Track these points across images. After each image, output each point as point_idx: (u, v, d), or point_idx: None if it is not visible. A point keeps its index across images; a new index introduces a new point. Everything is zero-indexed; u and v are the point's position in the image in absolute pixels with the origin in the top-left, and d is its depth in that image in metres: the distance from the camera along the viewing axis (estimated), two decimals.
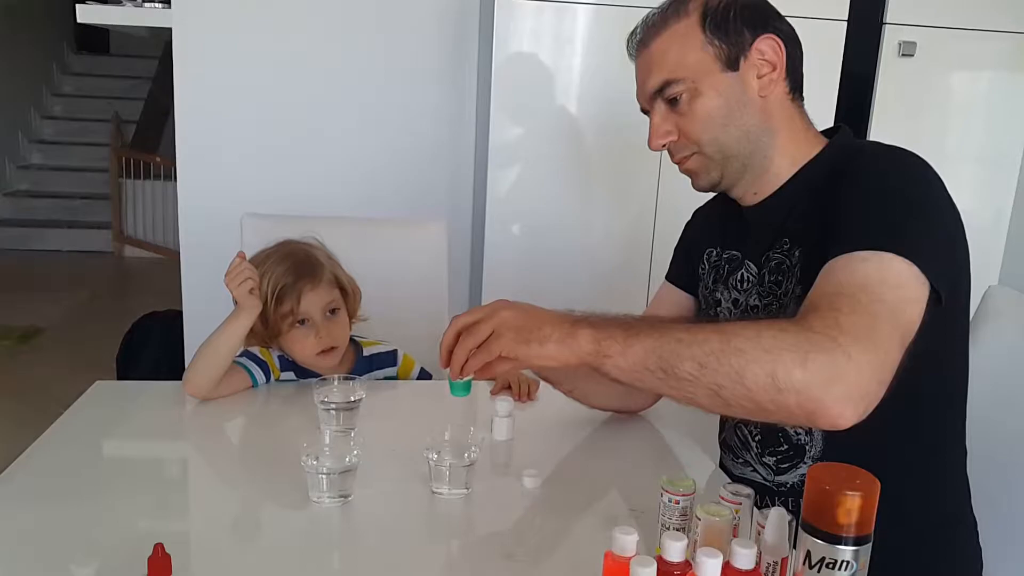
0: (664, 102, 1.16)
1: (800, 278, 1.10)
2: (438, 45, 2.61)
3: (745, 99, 1.13)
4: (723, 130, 1.14)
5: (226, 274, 1.38)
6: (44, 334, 4.39)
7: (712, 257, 1.30)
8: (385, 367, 1.60)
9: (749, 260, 1.21)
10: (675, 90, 1.14)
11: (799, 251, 1.12)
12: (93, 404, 1.39)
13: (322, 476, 1.06)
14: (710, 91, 1.13)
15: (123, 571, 0.76)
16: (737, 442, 1.23)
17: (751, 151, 1.15)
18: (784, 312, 1.11)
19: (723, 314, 1.23)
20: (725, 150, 1.15)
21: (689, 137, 1.16)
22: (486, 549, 1.02)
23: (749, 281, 1.20)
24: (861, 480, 0.70)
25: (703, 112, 1.13)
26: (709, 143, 1.15)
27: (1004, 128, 2.55)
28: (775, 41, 1.12)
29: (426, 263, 1.94)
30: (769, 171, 1.17)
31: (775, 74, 1.13)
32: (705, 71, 1.12)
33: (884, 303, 0.90)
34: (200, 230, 2.56)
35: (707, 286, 1.29)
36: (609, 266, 2.41)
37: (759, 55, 1.12)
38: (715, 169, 1.17)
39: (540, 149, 2.36)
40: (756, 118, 1.14)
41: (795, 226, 1.13)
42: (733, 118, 1.13)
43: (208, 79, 2.53)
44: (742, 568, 0.76)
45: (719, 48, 1.12)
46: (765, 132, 1.15)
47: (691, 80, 1.12)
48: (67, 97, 7.81)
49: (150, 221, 6.39)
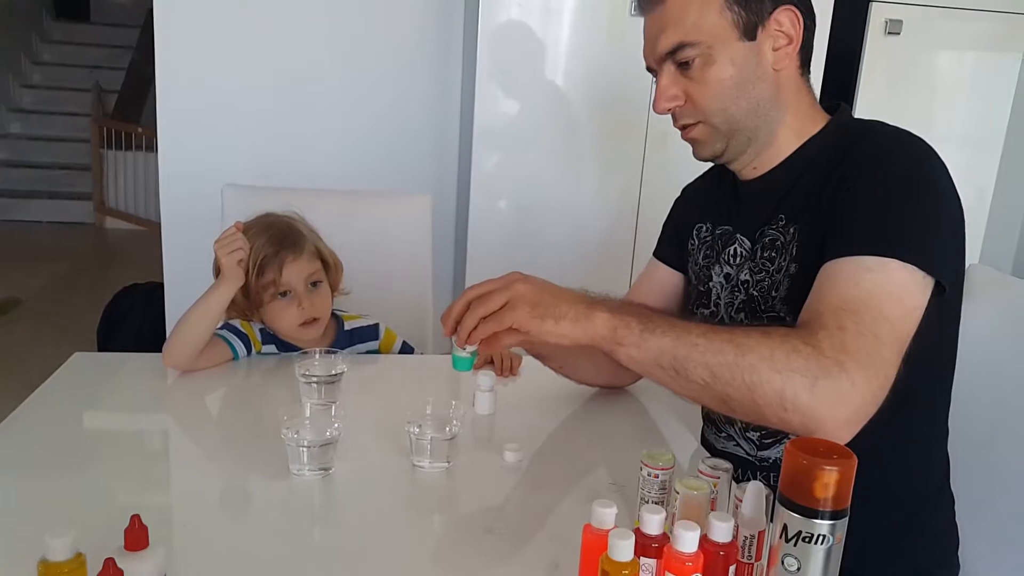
0: (674, 64, 1.11)
1: (795, 256, 1.09)
2: (424, 16, 2.58)
3: (759, 71, 1.10)
4: (733, 101, 1.10)
5: (217, 240, 1.37)
6: (24, 306, 4.35)
7: (703, 233, 1.28)
8: (367, 341, 1.59)
9: (742, 235, 1.19)
10: (688, 54, 1.09)
11: (794, 228, 1.10)
12: (71, 376, 1.38)
13: (303, 449, 1.06)
14: (724, 59, 1.08)
15: (99, 543, 0.75)
16: (721, 416, 1.23)
17: (758, 124, 1.12)
18: (775, 289, 1.11)
19: (714, 289, 1.22)
20: (732, 122, 1.12)
21: (697, 105, 1.12)
22: (467, 523, 1.02)
23: (741, 256, 1.18)
24: (838, 454, 0.70)
25: (715, 80, 1.09)
26: (717, 113, 1.11)
27: (988, 108, 2.56)
28: (794, 13, 1.09)
29: (410, 237, 1.93)
30: (773, 145, 1.14)
31: (790, 48, 1.10)
32: (722, 37, 1.08)
33: (887, 320, 0.93)
34: (181, 201, 2.54)
35: (697, 262, 1.28)
36: (594, 240, 2.41)
37: (777, 26, 1.09)
38: (720, 140, 1.14)
39: (526, 123, 2.35)
40: (767, 91, 1.11)
41: (792, 204, 1.12)
42: (745, 89, 1.10)
43: (190, 49, 2.49)
44: (719, 541, 0.76)
45: (738, 15, 1.07)
46: (774, 106, 1.12)
47: (706, 45, 1.08)
48: (47, 65, 7.68)
49: (131, 192, 6.33)
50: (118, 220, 6.41)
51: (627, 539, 0.73)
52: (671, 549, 0.74)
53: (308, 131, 2.59)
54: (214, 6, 2.48)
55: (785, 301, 1.09)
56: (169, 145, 2.54)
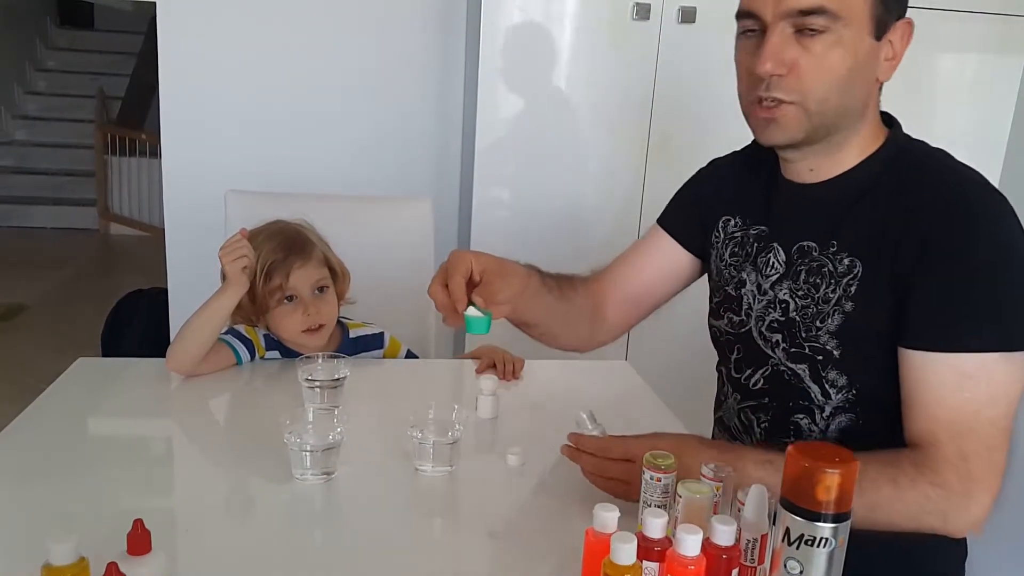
0: (793, 27, 0.99)
1: (852, 295, 1.04)
2: (426, 21, 2.58)
3: (868, 74, 1.04)
4: (838, 93, 1.01)
5: (222, 247, 1.37)
6: (28, 311, 4.36)
7: (731, 227, 1.22)
8: (372, 349, 1.59)
9: (778, 243, 1.14)
10: (820, 23, 0.98)
11: (852, 262, 1.05)
12: (75, 381, 1.38)
13: (305, 453, 1.06)
14: (851, 47, 1.00)
15: (103, 547, 0.76)
16: (738, 424, 1.21)
17: (840, 127, 1.05)
18: (821, 319, 1.07)
19: (746, 297, 1.18)
20: (826, 114, 1.03)
21: (803, 81, 1.00)
22: (469, 526, 1.02)
23: (775, 268, 1.14)
24: (840, 458, 0.70)
25: (834, 64, 1.00)
26: (819, 100, 1.01)
27: (990, 111, 2.55)
28: (911, 29, 1.03)
29: (412, 241, 1.93)
30: (839, 153, 1.08)
31: (895, 62, 1.04)
32: (859, 23, 1.00)
33: (998, 427, 0.97)
34: (185, 207, 2.54)
35: (723, 258, 1.23)
36: (596, 244, 2.40)
37: (894, 35, 1.03)
38: (803, 130, 1.04)
39: (528, 127, 2.35)
40: (863, 98, 1.05)
41: (850, 234, 1.06)
42: (851, 86, 1.02)
43: (193, 55, 2.50)
44: (722, 545, 0.76)
45: (878, 9, 1.00)
46: (860, 115, 1.06)
47: (844, 23, 0.98)
48: (51, 72, 7.70)
49: (135, 198, 6.33)
50: (122, 226, 6.41)
51: (629, 543, 0.73)
52: (673, 553, 0.74)
53: (311, 136, 2.60)
54: (217, 12, 2.48)
55: (834, 336, 1.06)
56: (172, 151, 2.55)
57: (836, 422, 1.09)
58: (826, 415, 1.10)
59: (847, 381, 1.07)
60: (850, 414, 1.08)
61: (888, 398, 1.04)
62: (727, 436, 1.24)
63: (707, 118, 2.32)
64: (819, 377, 1.09)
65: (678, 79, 2.32)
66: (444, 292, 1.05)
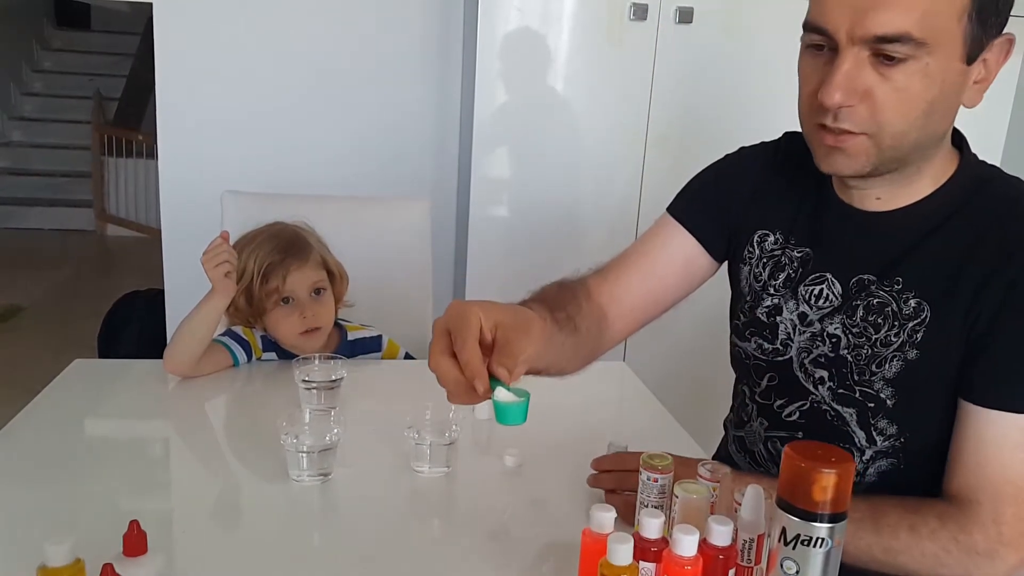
0: (871, 52, 0.86)
1: (917, 342, 0.96)
2: (423, 22, 2.58)
3: (951, 102, 0.91)
4: (918, 127, 0.89)
5: (204, 253, 1.36)
6: (25, 313, 4.36)
7: (768, 244, 1.10)
8: (369, 352, 1.59)
9: (833, 276, 1.02)
10: (904, 52, 0.84)
11: (919, 304, 0.96)
12: (72, 382, 1.38)
13: (302, 454, 1.06)
14: (937, 76, 0.86)
15: (98, 548, 0.76)
16: (763, 452, 1.13)
17: (914, 158, 0.94)
18: (878, 364, 0.98)
19: (783, 325, 1.07)
20: (901, 148, 0.91)
21: (878, 113, 0.88)
22: (466, 527, 1.02)
23: (829, 300, 1.03)
24: (836, 458, 0.70)
25: (915, 97, 0.87)
26: (893, 135, 0.89)
27: (987, 112, 2.53)
28: (1010, 47, 0.91)
29: (409, 242, 1.93)
30: (912, 184, 0.97)
31: (986, 83, 0.92)
32: (947, 51, 0.86)
33: None
34: (181, 208, 2.54)
35: (759, 278, 1.10)
36: (594, 245, 2.40)
37: (990, 54, 0.90)
38: (871, 163, 0.92)
39: (526, 127, 2.35)
40: (944, 128, 0.94)
41: (917, 270, 0.96)
42: (933, 117, 0.90)
43: (190, 55, 2.50)
44: (719, 545, 0.76)
45: (975, 29, 0.87)
46: (937, 143, 0.95)
47: (929, 50, 0.85)
48: (47, 73, 7.70)
49: (132, 199, 6.33)
50: (119, 227, 6.41)
51: (626, 543, 0.73)
52: (670, 553, 0.74)
53: (308, 137, 2.59)
54: (214, 13, 2.48)
55: (890, 384, 0.98)
56: (169, 151, 2.55)
57: (876, 466, 1.03)
58: (866, 458, 1.03)
59: (897, 430, 1.00)
60: (892, 459, 1.02)
61: (935, 445, 0.98)
62: (747, 458, 1.17)
63: (705, 118, 2.32)
64: (867, 424, 1.01)
65: (676, 79, 2.32)
66: (452, 364, 0.78)
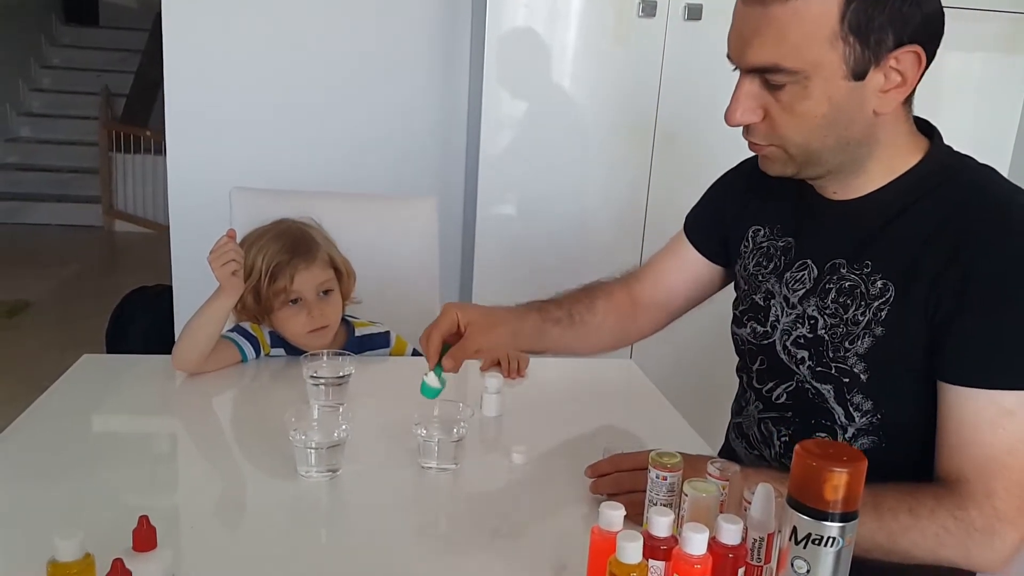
0: (761, 79, 0.97)
1: (883, 319, 1.00)
2: (431, 20, 2.58)
3: (858, 114, 0.97)
4: (819, 138, 0.98)
5: (210, 252, 1.35)
6: (33, 309, 4.36)
7: (759, 238, 1.19)
8: (377, 348, 1.59)
9: (812, 260, 1.10)
10: (781, 79, 0.95)
11: (885, 285, 1.01)
12: (80, 378, 1.38)
13: (310, 450, 1.06)
14: (821, 96, 0.94)
15: (108, 544, 0.76)
16: (758, 435, 1.19)
17: (843, 161, 1.01)
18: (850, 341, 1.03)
19: (774, 308, 1.14)
20: (812, 156, 1.00)
21: (776, 130, 0.99)
22: (474, 524, 1.02)
23: (803, 282, 1.10)
24: (848, 456, 0.70)
25: (804, 114, 0.96)
26: (797, 146, 0.99)
27: (997, 111, 2.54)
28: (918, 55, 0.94)
29: (416, 239, 1.93)
30: (860, 178, 1.04)
31: (902, 90, 0.96)
32: (825, 72, 0.93)
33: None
34: (189, 204, 2.54)
35: (747, 268, 1.20)
36: (601, 243, 2.40)
37: (894, 64, 0.94)
38: (792, 167, 1.02)
39: (533, 126, 2.34)
40: (861, 132, 0.99)
41: (883, 254, 1.02)
42: (835, 128, 0.97)
43: (198, 52, 2.50)
44: (728, 543, 0.76)
45: (852, 49, 0.92)
46: (866, 144, 1.00)
47: (804, 76, 0.93)
48: (56, 69, 7.70)
49: (140, 195, 6.33)
50: (127, 223, 6.41)
51: (635, 541, 0.73)
52: (679, 551, 0.74)
53: (316, 134, 2.59)
54: (222, 10, 2.48)
55: (863, 359, 1.03)
56: (177, 148, 2.55)
57: (858, 444, 1.07)
58: (848, 436, 1.07)
59: (872, 405, 1.05)
60: (873, 437, 1.06)
61: (913, 425, 1.02)
62: (745, 443, 1.22)
63: (713, 117, 2.31)
64: (844, 400, 1.06)
65: (684, 77, 2.31)
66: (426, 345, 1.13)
